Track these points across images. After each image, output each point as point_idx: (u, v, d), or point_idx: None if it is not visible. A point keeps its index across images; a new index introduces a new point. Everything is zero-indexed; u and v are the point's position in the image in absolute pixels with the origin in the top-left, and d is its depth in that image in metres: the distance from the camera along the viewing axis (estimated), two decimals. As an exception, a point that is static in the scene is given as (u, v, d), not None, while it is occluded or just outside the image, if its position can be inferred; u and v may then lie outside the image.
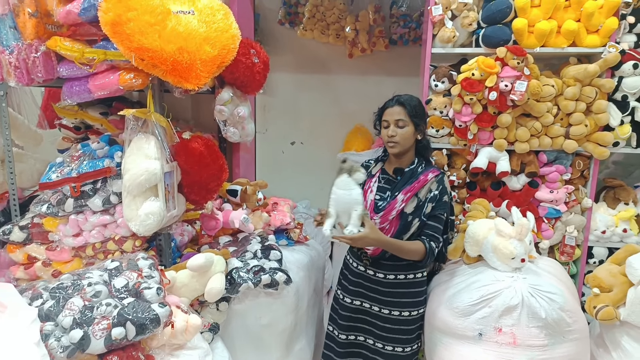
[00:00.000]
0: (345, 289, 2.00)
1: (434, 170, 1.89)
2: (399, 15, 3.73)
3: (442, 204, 1.85)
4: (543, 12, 2.22)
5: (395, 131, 1.83)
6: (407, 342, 1.93)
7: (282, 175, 3.93)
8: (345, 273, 2.03)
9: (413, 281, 1.92)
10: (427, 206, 1.82)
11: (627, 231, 2.33)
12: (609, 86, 2.20)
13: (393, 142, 1.84)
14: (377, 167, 1.99)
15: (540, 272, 1.90)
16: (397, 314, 1.91)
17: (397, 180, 1.90)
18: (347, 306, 1.98)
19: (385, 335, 1.92)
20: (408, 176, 1.88)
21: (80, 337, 1.28)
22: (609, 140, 2.25)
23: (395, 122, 1.84)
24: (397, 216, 1.83)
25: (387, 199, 1.88)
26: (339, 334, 2.00)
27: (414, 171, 1.88)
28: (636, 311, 1.74)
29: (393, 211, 1.83)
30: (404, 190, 1.84)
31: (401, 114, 1.84)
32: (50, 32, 1.71)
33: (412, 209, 1.82)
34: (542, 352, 1.73)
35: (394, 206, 1.83)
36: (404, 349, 1.93)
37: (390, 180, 1.93)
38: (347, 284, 1.99)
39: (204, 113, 2.63)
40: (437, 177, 1.87)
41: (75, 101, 1.77)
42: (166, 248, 1.90)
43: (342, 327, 1.99)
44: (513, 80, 2.15)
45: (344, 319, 1.99)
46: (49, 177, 1.76)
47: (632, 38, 2.22)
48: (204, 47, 1.64)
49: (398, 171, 1.91)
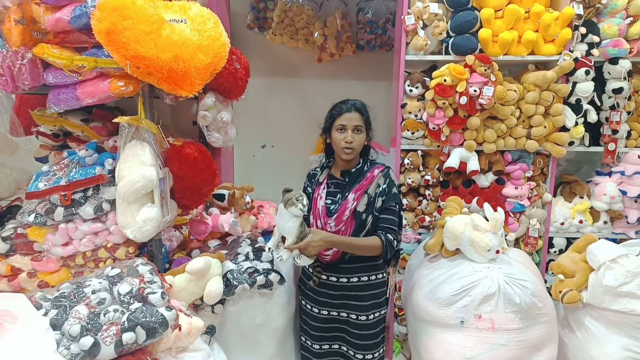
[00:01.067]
0: (311, 299, 1.97)
1: (379, 166, 1.92)
2: (366, 21, 3.86)
3: (392, 196, 1.87)
4: (506, 23, 2.41)
5: (354, 137, 1.83)
6: (375, 347, 1.94)
7: (253, 178, 3.91)
8: (306, 282, 1.99)
9: (374, 282, 1.93)
10: (377, 201, 1.85)
11: (583, 222, 2.56)
12: (565, 91, 2.42)
13: (350, 149, 1.83)
14: (323, 174, 1.99)
15: (512, 262, 2.07)
16: (364, 319, 1.91)
17: (346, 182, 1.91)
18: (315, 316, 1.96)
19: (356, 343, 1.93)
20: (356, 176, 1.90)
21: (91, 344, 1.28)
22: (565, 140, 2.47)
23: (353, 127, 1.83)
24: (351, 216, 1.84)
25: (338, 201, 1.89)
26: (312, 344, 1.99)
27: (360, 170, 1.91)
28: (597, 294, 1.94)
29: (346, 211, 1.84)
30: (353, 190, 1.86)
31: (359, 120, 1.85)
32: (36, 39, 1.68)
33: (364, 206, 1.84)
34: (518, 334, 1.89)
35: (346, 206, 1.85)
36: (373, 355, 1.94)
37: (339, 183, 1.94)
38: (312, 293, 1.96)
39: (183, 118, 2.63)
40: (383, 171, 1.90)
41: (62, 109, 1.75)
42: (157, 254, 1.91)
43: (315, 337, 1.98)
44: (481, 85, 2.33)
45: (315, 329, 1.98)
46: (36, 186, 1.72)
47: (583, 47, 2.45)
48: (197, 55, 1.67)
49: (345, 173, 1.93)
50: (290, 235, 1.69)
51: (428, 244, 2.23)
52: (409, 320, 2.21)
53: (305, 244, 1.68)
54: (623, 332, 1.91)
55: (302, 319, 2.05)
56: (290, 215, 1.67)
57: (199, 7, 1.80)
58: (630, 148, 2.55)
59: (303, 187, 2.06)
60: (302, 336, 2.05)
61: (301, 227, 1.70)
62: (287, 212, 1.67)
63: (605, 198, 2.50)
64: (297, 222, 1.68)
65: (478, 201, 2.51)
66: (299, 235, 1.68)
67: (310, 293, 1.97)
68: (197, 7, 1.79)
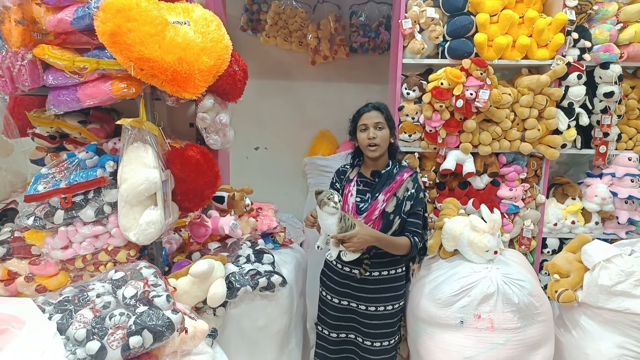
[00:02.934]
0: (331, 290, 2.09)
1: (408, 171, 2.04)
2: (359, 24, 3.89)
3: (420, 201, 2.00)
4: (501, 28, 2.45)
5: (376, 133, 1.95)
6: (390, 335, 2.05)
7: (246, 180, 3.91)
8: (330, 275, 2.11)
9: (394, 276, 2.05)
10: (405, 204, 1.96)
11: (575, 223, 2.62)
12: (558, 94, 2.47)
13: (374, 145, 1.95)
14: (354, 171, 2.10)
15: (509, 262, 2.11)
16: (382, 309, 2.02)
17: (376, 182, 2.01)
18: (335, 306, 2.08)
19: (372, 332, 2.03)
20: (385, 178, 2.00)
21: (98, 348, 1.27)
22: (558, 142, 2.52)
23: (374, 125, 1.95)
24: (380, 216, 1.95)
25: (367, 200, 2.00)
26: (329, 332, 2.09)
27: (390, 173, 2.01)
28: (592, 293, 1.99)
29: (376, 211, 1.95)
30: (383, 191, 1.96)
31: (379, 117, 1.97)
32: (36, 39, 1.65)
33: (392, 207, 1.95)
34: (517, 333, 1.92)
35: (376, 206, 1.95)
36: (389, 342, 2.05)
37: (369, 183, 2.04)
38: (333, 284, 2.08)
39: (179, 120, 2.61)
40: (411, 176, 2.02)
41: (62, 110, 1.72)
42: (158, 256, 1.89)
43: (332, 326, 2.08)
44: (477, 89, 2.36)
45: (332, 318, 2.08)
46: (35, 189, 1.70)
47: (576, 52, 2.50)
48: (201, 57, 1.67)
49: (375, 173, 2.03)
50: (332, 232, 1.81)
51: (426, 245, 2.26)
52: (408, 320, 2.23)
53: (352, 234, 1.78)
54: (618, 330, 1.95)
55: (320, 308, 2.14)
56: (327, 214, 1.80)
57: (201, 9, 1.80)
58: (621, 150, 2.62)
59: (331, 182, 2.16)
60: (318, 325, 2.14)
61: (341, 223, 1.81)
62: (322, 212, 1.80)
63: (597, 199, 2.56)
64: (335, 219, 1.80)
65: (474, 202, 2.54)
66: (340, 230, 1.80)
67: (331, 284, 2.08)
68: (200, 9, 1.79)
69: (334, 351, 2.10)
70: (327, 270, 2.14)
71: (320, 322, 2.14)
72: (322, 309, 2.14)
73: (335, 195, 1.80)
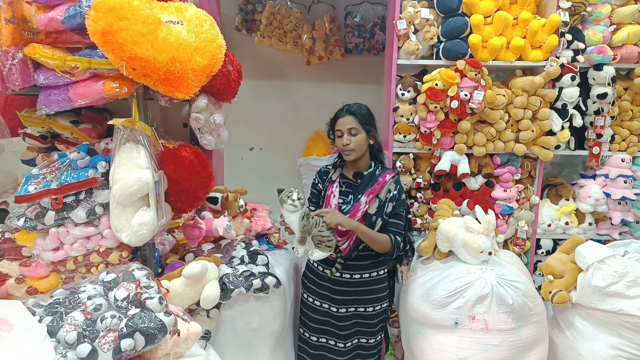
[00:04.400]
0: (312, 292, 2.06)
1: (390, 172, 2.02)
2: (354, 25, 3.89)
3: (402, 202, 1.99)
4: (495, 29, 2.46)
5: (350, 139, 1.92)
6: (370, 335, 2.05)
7: (241, 181, 3.90)
8: (311, 277, 2.08)
9: (376, 279, 2.03)
10: (387, 205, 1.95)
11: (569, 224, 2.63)
12: (552, 96, 2.48)
13: (349, 150, 1.93)
14: (336, 172, 2.07)
15: (504, 263, 2.11)
16: (362, 310, 2.01)
17: (358, 184, 1.99)
18: (315, 309, 2.05)
19: (347, 333, 2.02)
20: (368, 179, 1.98)
21: (89, 351, 1.25)
22: (552, 143, 2.53)
23: (348, 130, 1.92)
24: (362, 217, 1.93)
25: (350, 202, 1.98)
26: (310, 335, 2.07)
27: (372, 174, 1.99)
28: (586, 294, 1.99)
29: (358, 213, 1.93)
30: (366, 193, 1.95)
31: (353, 123, 1.93)
32: (26, 38, 1.64)
33: (374, 209, 1.94)
34: (511, 334, 1.92)
35: (358, 208, 1.94)
36: (367, 340, 2.06)
37: (351, 184, 2.02)
38: (315, 287, 2.05)
39: (173, 120, 2.60)
40: (394, 178, 2.00)
41: (53, 110, 1.71)
42: (151, 258, 1.88)
43: (313, 329, 2.06)
44: (471, 90, 2.37)
45: (313, 321, 2.05)
46: (26, 190, 1.67)
47: (569, 53, 2.51)
48: (194, 57, 1.66)
49: (358, 175, 2.01)
50: (295, 229, 1.83)
51: (421, 246, 2.26)
52: (402, 322, 2.22)
53: (325, 211, 1.83)
54: (611, 331, 1.95)
55: (302, 311, 2.12)
56: (288, 212, 1.83)
57: (194, 8, 1.79)
58: (614, 152, 2.63)
59: (312, 182, 2.13)
60: (300, 328, 2.12)
61: (303, 221, 1.82)
62: (283, 210, 1.84)
63: (590, 200, 2.57)
64: (297, 217, 1.82)
65: (468, 203, 2.54)
66: (302, 228, 1.81)
67: (313, 286, 2.06)
68: (193, 9, 1.78)
69: (314, 356, 2.07)
70: (308, 272, 2.11)
71: (302, 325, 2.11)
72: (304, 311, 2.10)
73: (294, 193, 1.81)
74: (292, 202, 1.80)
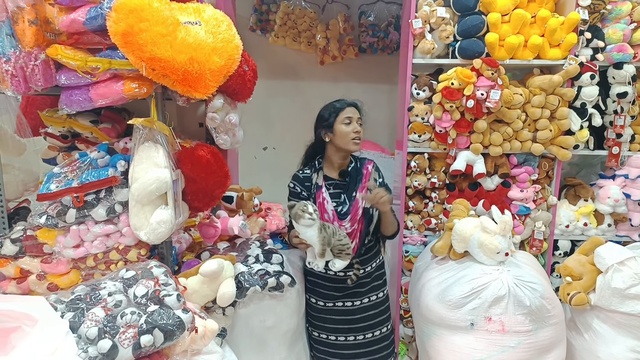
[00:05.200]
0: (321, 295, 2.10)
1: (369, 162, 2.09)
2: (368, 25, 3.89)
3: (387, 187, 2.09)
4: (512, 27, 2.43)
5: (359, 128, 1.99)
6: (383, 323, 2.13)
7: (255, 180, 3.93)
8: (316, 281, 2.11)
9: (377, 267, 2.14)
10: None
11: (587, 225, 2.59)
12: (570, 95, 2.44)
13: (359, 138, 1.98)
14: (319, 176, 2.05)
15: (521, 265, 2.09)
16: (375, 298, 2.11)
17: (347, 182, 2.01)
18: (329, 309, 2.09)
19: (365, 325, 2.09)
20: (355, 175, 2.03)
21: (109, 346, 1.28)
22: (570, 143, 2.49)
23: (357, 119, 2.00)
24: (361, 215, 2.00)
25: (343, 202, 2.00)
26: (328, 336, 2.10)
27: (356, 168, 2.05)
28: (605, 296, 1.96)
29: (359, 211, 1.98)
30: (359, 189, 2.00)
31: (358, 114, 2.02)
32: (49, 40, 1.67)
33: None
34: (528, 336, 1.90)
35: (357, 207, 1.98)
36: (381, 331, 2.13)
37: (338, 184, 2.04)
38: (322, 289, 2.09)
39: (189, 120, 2.62)
40: (373, 166, 2.09)
41: (74, 110, 1.74)
42: (168, 256, 1.90)
43: (330, 329, 2.10)
44: (488, 89, 2.35)
45: (328, 322, 2.10)
46: (48, 188, 1.71)
47: (589, 52, 2.47)
48: (212, 57, 1.67)
49: (344, 173, 2.04)
50: (315, 243, 1.79)
51: (436, 246, 2.24)
52: (416, 322, 2.21)
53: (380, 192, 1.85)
54: (630, 334, 1.93)
55: (313, 315, 2.13)
56: (305, 227, 1.78)
57: (212, 9, 1.81)
58: (634, 152, 2.58)
59: (294, 192, 2.08)
60: (315, 331, 2.14)
61: (322, 233, 1.78)
62: (300, 226, 1.78)
63: (610, 201, 2.53)
64: (315, 230, 1.78)
65: (484, 204, 2.52)
66: (322, 241, 1.77)
67: (320, 289, 2.09)
68: (211, 10, 1.79)
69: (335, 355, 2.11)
70: (311, 277, 2.13)
71: (316, 328, 2.13)
72: (315, 315, 2.13)
73: (309, 206, 1.76)
74: (309, 215, 1.73)
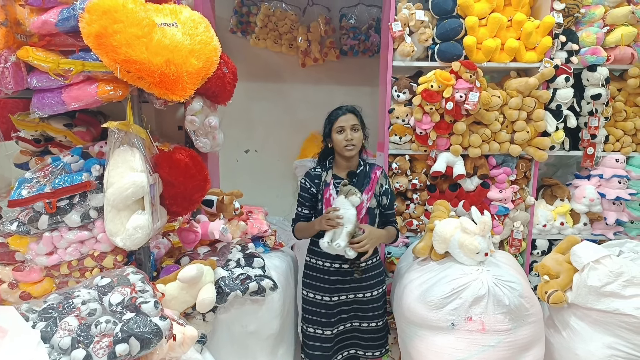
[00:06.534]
0: (322, 290, 2.12)
1: (378, 167, 2.17)
2: (349, 27, 3.89)
3: (393, 194, 2.23)
4: (489, 31, 2.47)
5: (353, 135, 2.04)
6: (380, 317, 2.20)
7: (237, 183, 3.90)
8: (316, 275, 2.13)
9: (375, 264, 2.17)
10: (381, 199, 2.14)
11: (564, 224, 2.64)
12: (546, 97, 2.49)
13: (352, 145, 2.04)
14: (328, 174, 2.13)
15: (500, 264, 2.11)
16: (370, 295, 2.15)
17: (354, 183, 2.08)
18: (328, 304, 2.11)
19: (365, 315, 2.17)
20: (363, 177, 2.10)
21: (83, 356, 1.24)
22: (547, 144, 2.54)
23: (351, 127, 2.04)
24: (365, 213, 2.07)
25: None
26: (323, 331, 2.12)
27: (365, 172, 2.12)
28: (581, 294, 2.00)
29: (362, 210, 2.05)
30: (365, 191, 2.07)
31: (355, 120, 2.07)
32: (19, 41, 1.62)
33: (374, 204, 2.11)
34: (507, 335, 1.92)
35: (362, 206, 2.05)
36: (377, 323, 2.20)
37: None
38: (323, 284, 2.12)
39: (168, 123, 2.58)
40: (382, 172, 2.17)
41: (47, 113, 1.69)
42: (146, 262, 1.86)
43: (327, 324, 2.12)
44: (466, 91, 2.37)
45: (327, 316, 2.12)
46: (19, 194, 1.66)
47: (563, 55, 2.53)
48: (190, 59, 1.65)
49: (351, 174, 2.11)
50: (350, 222, 1.92)
51: (417, 248, 2.25)
52: (399, 323, 2.22)
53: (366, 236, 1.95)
54: (607, 330, 1.96)
55: (309, 310, 2.16)
56: (350, 204, 1.94)
57: (189, 11, 1.78)
58: (608, 152, 2.64)
59: (303, 187, 2.17)
60: (310, 327, 2.16)
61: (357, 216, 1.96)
62: (347, 201, 1.95)
63: (585, 200, 2.58)
64: (355, 211, 1.95)
65: (464, 204, 2.55)
66: (356, 223, 1.94)
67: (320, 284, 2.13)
68: (188, 11, 1.77)
69: (328, 349, 2.14)
70: (310, 272, 2.17)
71: (311, 324, 2.14)
72: (312, 310, 2.14)
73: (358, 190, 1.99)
74: (360, 195, 1.96)
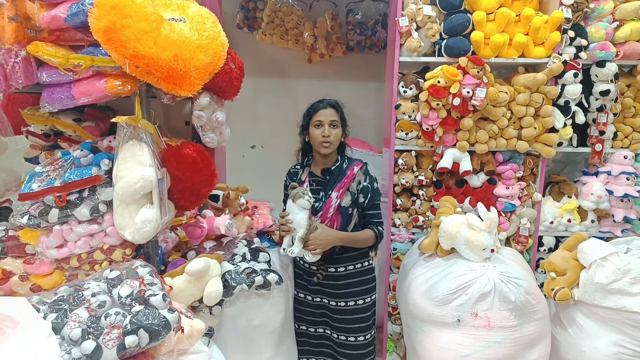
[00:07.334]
0: (304, 288, 2.15)
1: (358, 163, 2.06)
2: (355, 23, 3.88)
3: (376, 192, 2.07)
4: (497, 26, 2.45)
5: (330, 132, 1.97)
6: (364, 330, 2.10)
7: (243, 179, 3.91)
8: (300, 273, 2.17)
9: (361, 270, 2.10)
10: (359, 197, 2.02)
11: (571, 221, 2.62)
12: (554, 93, 2.47)
13: (328, 142, 1.97)
14: (304, 172, 2.12)
15: (506, 261, 2.11)
16: (353, 304, 2.08)
17: (327, 180, 2.04)
18: (309, 303, 2.14)
19: (344, 327, 2.09)
20: (336, 174, 2.04)
21: (93, 347, 1.26)
22: (554, 140, 2.53)
23: (329, 122, 1.98)
24: (336, 212, 2.00)
25: (322, 199, 2.03)
26: (307, 327, 2.16)
27: (340, 168, 2.05)
28: (588, 291, 1.99)
29: (330, 209, 1.99)
30: (336, 188, 2.00)
31: (334, 116, 2.00)
32: (29, 36, 1.64)
33: (349, 202, 2.00)
34: (513, 331, 1.92)
35: (330, 204, 2.00)
36: (364, 337, 2.10)
37: (321, 182, 2.07)
38: (306, 283, 2.13)
39: (175, 118, 2.60)
40: (361, 169, 2.05)
41: (56, 108, 1.71)
42: (154, 255, 1.88)
43: (310, 322, 2.15)
44: (474, 87, 2.36)
45: (309, 314, 2.15)
46: (30, 188, 1.68)
47: (572, 50, 2.50)
48: (197, 54, 1.66)
49: (326, 171, 2.06)
50: (301, 227, 1.87)
51: (423, 244, 2.26)
52: (404, 319, 2.22)
53: (314, 236, 1.87)
54: (613, 328, 1.96)
55: (296, 307, 2.17)
56: (299, 207, 1.89)
57: (197, 6, 1.79)
58: (617, 149, 2.62)
59: (284, 184, 2.18)
60: (296, 323, 2.19)
61: (309, 220, 1.90)
62: (295, 205, 1.88)
63: (593, 197, 2.57)
64: (306, 214, 1.89)
65: (470, 201, 2.55)
66: (308, 227, 1.88)
67: (303, 282, 2.13)
68: (196, 6, 1.78)
69: (315, 345, 2.17)
70: (297, 270, 2.19)
71: (298, 320, 2.19)
72: (297, 307, 2.18)
73: (308, 192, 1.92)
74: (308, 198, 1.87)
